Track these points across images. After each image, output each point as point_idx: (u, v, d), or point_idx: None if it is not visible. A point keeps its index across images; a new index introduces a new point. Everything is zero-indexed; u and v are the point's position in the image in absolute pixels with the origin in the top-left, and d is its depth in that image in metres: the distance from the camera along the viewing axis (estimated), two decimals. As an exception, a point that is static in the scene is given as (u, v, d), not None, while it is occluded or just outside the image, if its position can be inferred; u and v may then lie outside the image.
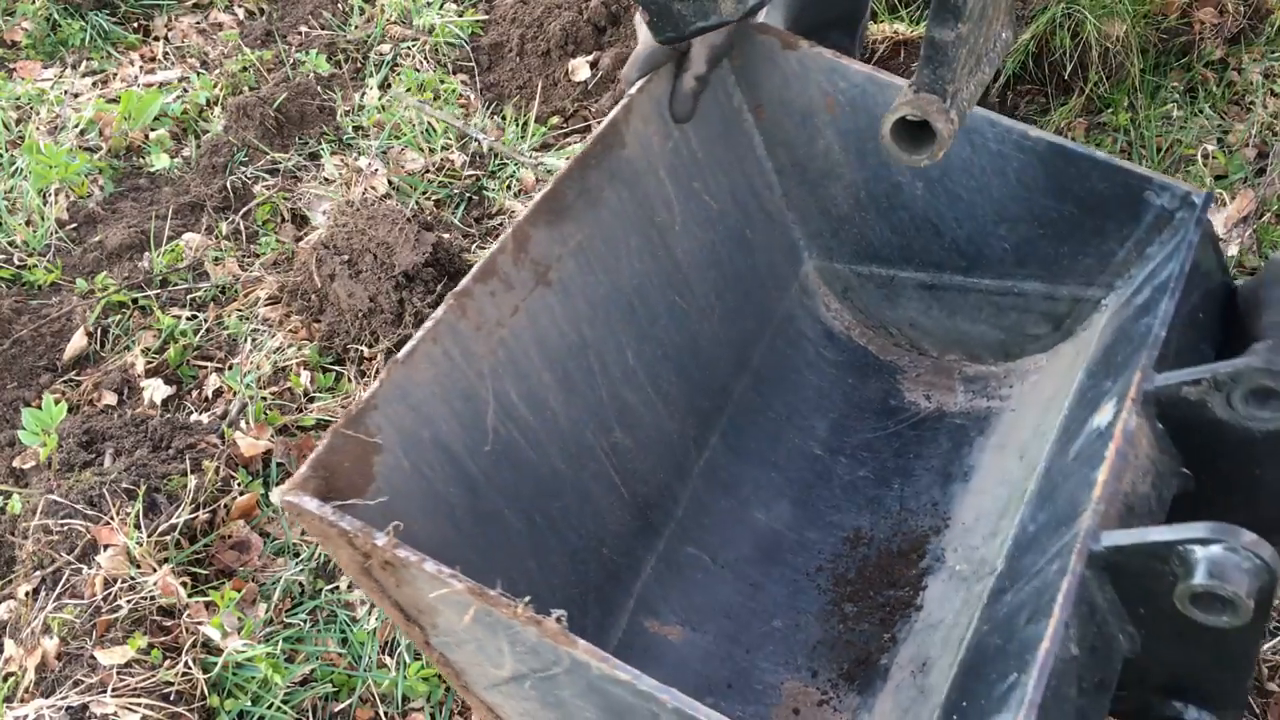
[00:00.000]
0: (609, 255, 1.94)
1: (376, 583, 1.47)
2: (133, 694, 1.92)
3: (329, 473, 1.47)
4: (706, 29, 1.49)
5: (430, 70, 3.49)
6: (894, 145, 1.46)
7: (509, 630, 1.38)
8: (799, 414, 2.21)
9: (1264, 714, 2.07)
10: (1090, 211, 1.97)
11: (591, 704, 1.45)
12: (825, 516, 2.08)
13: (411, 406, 1.60)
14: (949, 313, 2.23)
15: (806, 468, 2.15)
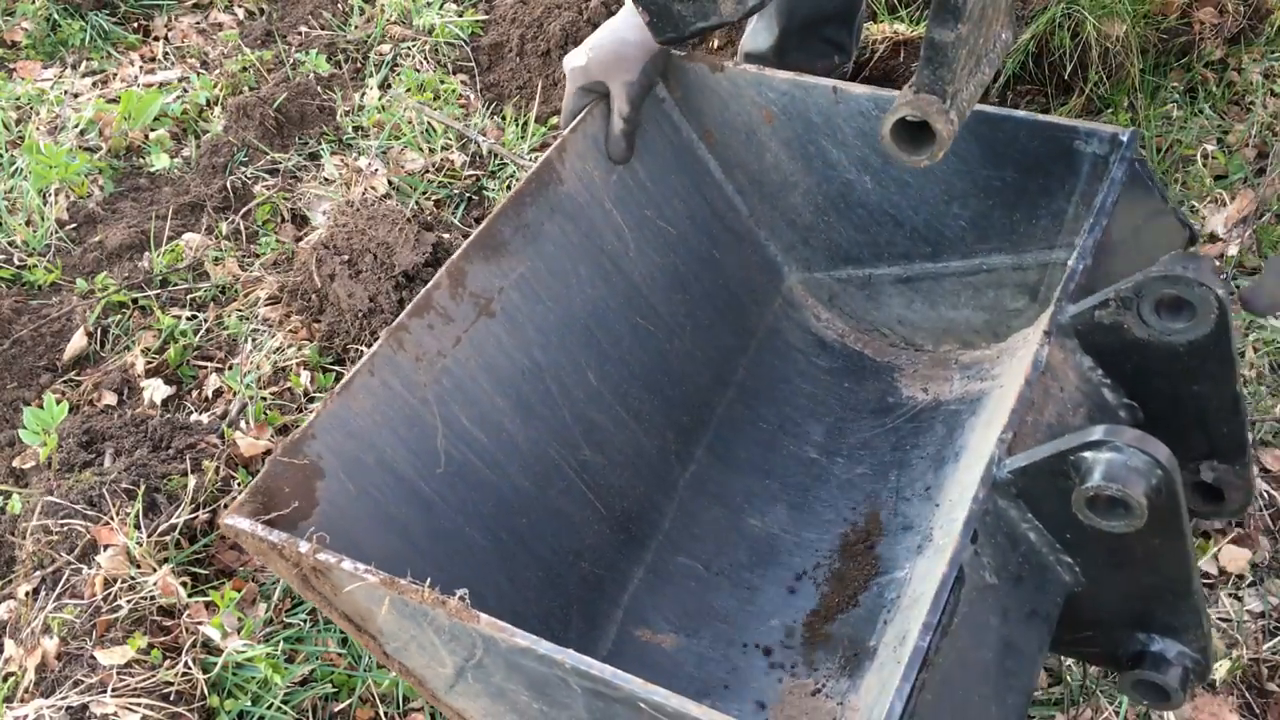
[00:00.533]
0: (556, 284, 2.00)
1: (320, 594, 1.54)
2: (133, 694, 1.92)
3: (268, 497, 1.55)
4: (706, 29, 1.49)
5: (430, 70, 3.49)
6: (894, 146, 1.47)
7: (430, 620, 1.43)
8: (792, 422, 2.24)
9: (1264, 714, 2.07)
10: (1030, 173, 1.98)
11: (518, 683, 1.48)
12: (822, 516, 2.10)
13: (352, 434, 1.67)
14: (931, 303, 2.24)
15: (802, 472, 2.17)
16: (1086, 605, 1.55)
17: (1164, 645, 1.58)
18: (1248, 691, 2.10)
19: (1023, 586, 1.49)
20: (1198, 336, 1.50)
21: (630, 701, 1.33)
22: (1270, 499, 2.40)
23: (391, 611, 1.48)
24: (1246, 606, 2.21)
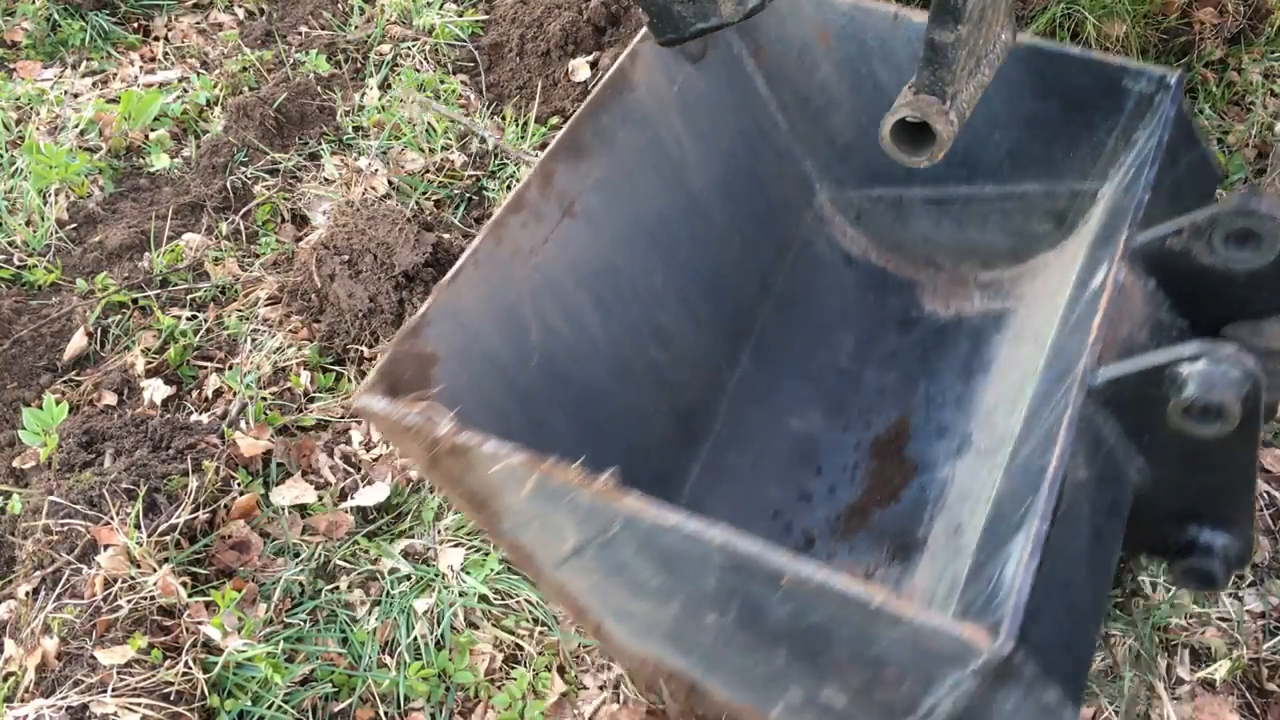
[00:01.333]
0: (628, 189, 2.09)
1: (445, 473, 1.60)
2: (133, 694, 1.92)
3: (393, 381, 1.60)
4: (706, 30, 1.49)
5: (430, 70, 3.49)
6: (894, 146, 1.47)
7: (567, 497, 1.50)
8: (825, 332, 2.37)
9: (1264, 714, 2.07)
10: (1075, 107, 2.10)
11: (648, 560, 1.57)
12: (856, 419, 2.25)
13: (461, 324, 1.75)
14: (958, 224, 2.35)
15: (836, 378, 2.32)
16: (1149, 502, 1.68)
17: (1212, 536, 1.73)
18: (1248, 691, 2.10)
19: (1105, 484, 1.63)
20: (1258, 266, 1.67)
21: (773, 576, 1.43)
22: (1270, 499, 2.40)
23: (528, 490, 1.53)
24: (1246, 606, 2.21)
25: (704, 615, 1.63)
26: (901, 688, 1.55)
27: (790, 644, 1.59)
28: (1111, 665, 2.11)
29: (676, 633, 1.76)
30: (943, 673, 1.47)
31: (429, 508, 2.38)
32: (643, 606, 1.72)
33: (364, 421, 2.55)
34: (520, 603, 2.22)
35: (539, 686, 2.10)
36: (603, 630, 1.87)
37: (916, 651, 1.46)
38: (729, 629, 1.63)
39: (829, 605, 1.44)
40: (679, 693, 1.94)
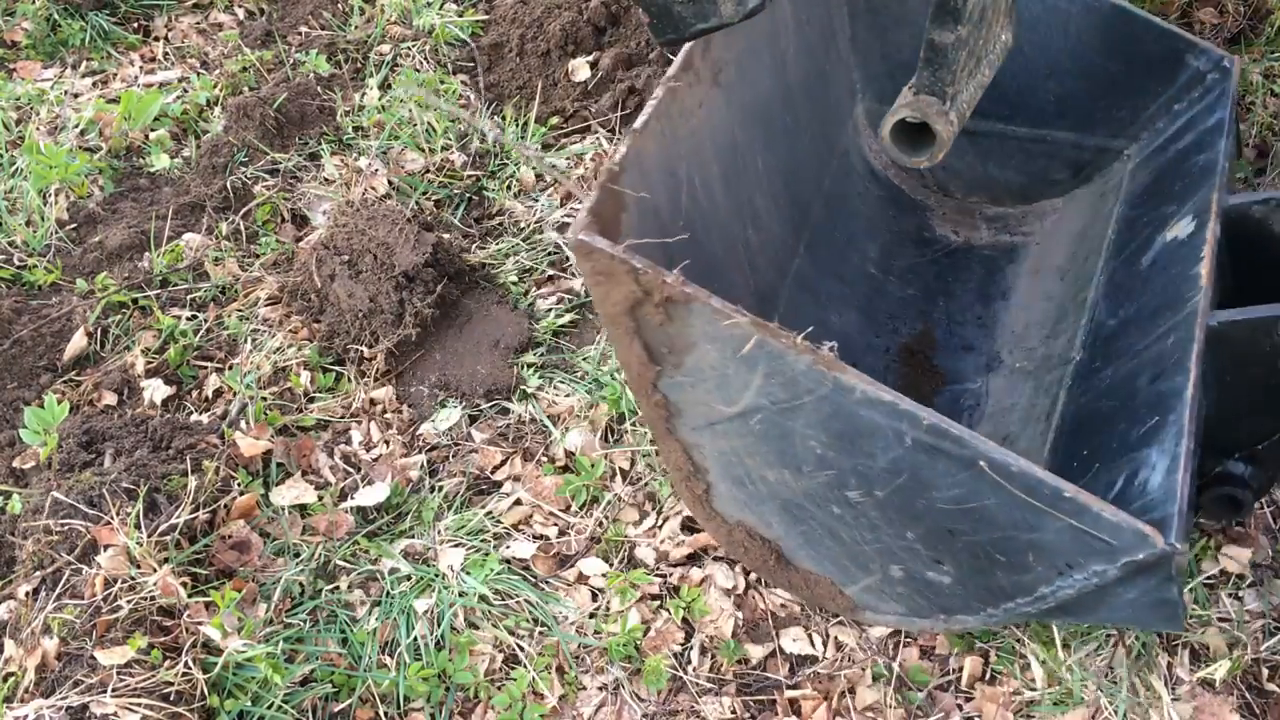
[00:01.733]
0: (755, 68, 2.18)
1: (635, 323, 1.65)
2: (133, 694, 1.92)
3: (602, 222, 1.65)
4: (707, 31, 1.49)
5: (430, 70, 3.49)
6: (894, 147, 1.47)
7: (772, 361, 1.56)
8: (856, 237, 2.51)
9: (1264, 714, 2.07)
10: (1134, 69, 2.26)
11: (824, 431, 1.65)
12: (886, 326, 2.40)
13: (642, 173, 1.80)
14: (981, 158, 2.50)
15: (865, 284, 2.45)
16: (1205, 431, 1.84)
17: (1245, 469, 1.93)
18: (1248, 692, 2.10)
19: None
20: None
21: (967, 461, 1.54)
22: (1270, 499, 2.40)
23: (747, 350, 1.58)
24: (1246, 606, 2.21)
25: (847, 489, 1.74)
26: (1029, 573, 1.68)
27: (931, 524, 1.71)
28: (1111, 665, 2.11)
29: (798, 503, 1.85)
30: (1090, 563, 1.59)
31: (429, 508, 2.38)
32: (778, 475, 1.81)
33: (363, 421, 2.55)
34: (520, 603, 2.22)
35: (539, 687, 2.10)
36: (709, 493, 1.97)
37: (1075, 540, 1.56)
38: (867, 505, 1.75)
39: (1010, 492, 1.53)
40: (762, 561, 2.07)
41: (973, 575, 1.77)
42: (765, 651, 2.20)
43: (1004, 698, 2.10)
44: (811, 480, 1.77)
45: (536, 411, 2.58)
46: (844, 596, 2.05)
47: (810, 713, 2.10)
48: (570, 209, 3.08)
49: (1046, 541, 1.60)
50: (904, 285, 2.47)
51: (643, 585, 2.26)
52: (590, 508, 2.41)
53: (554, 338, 2.75)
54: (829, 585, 2.03)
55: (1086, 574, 1.62)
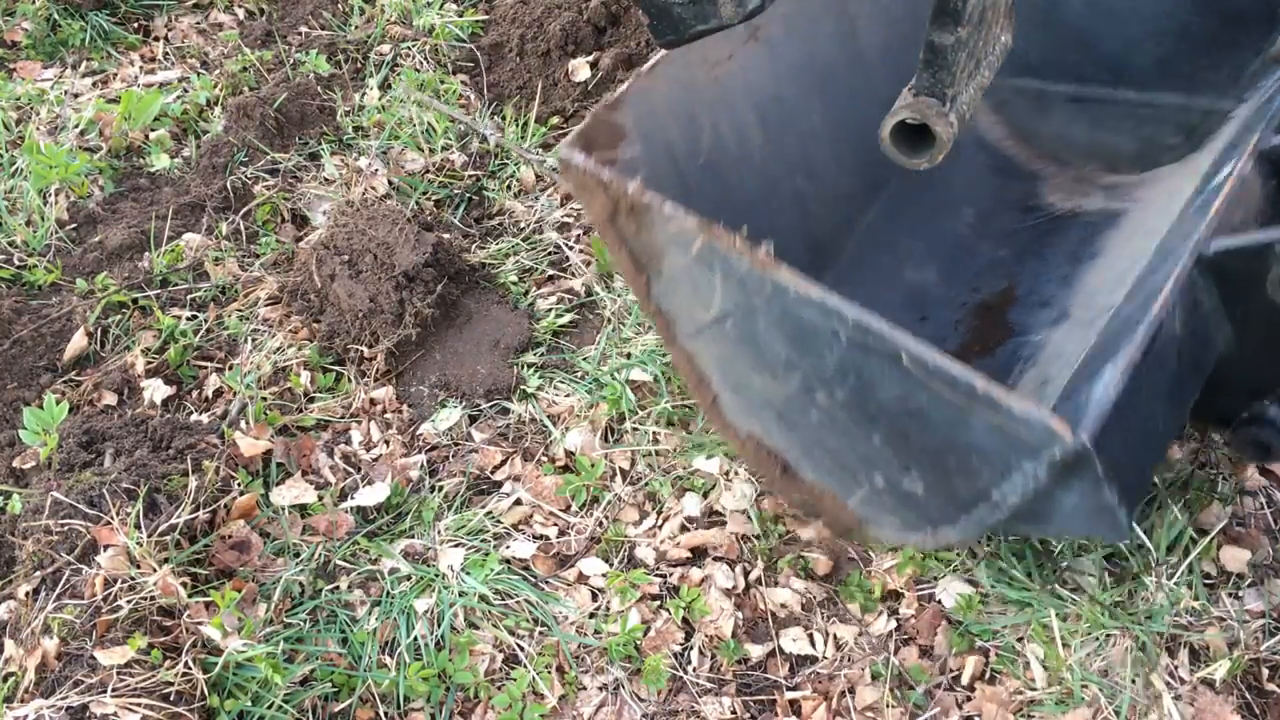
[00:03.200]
0: (808, 29, 2.28)
1: (617, 232, 1.82)
2: (133, 694, 1.92)
3: (589, 142, 1.80)
4: (707, 32, 1.49)
5: (430, 70, 3.49)
6: (893, 148, 1.47)
7: (726, 263, 1.70)
8: (950, 202, 2.59)
9: (1264, 714, 2.07)
10: (1231, 25, 2.26)
11: (780, 332, 1.77)
12: (967, 282, 2.46)
13: (650, 110, 1.98)
14: (1091, 125, 2.53)
15: (954, 243, 2.54)
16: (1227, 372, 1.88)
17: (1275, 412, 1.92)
18: (1248, 692, 2.10)
19: (1194, 342, 1.85)
20: None
21: (892, 355, 1.63)
22: (1270, 499, 2.40)
23: (690, 254, 1.74)
24: (1246, 606, 2.21)
25: (815, 393, 1.84)
26: (979, 478, 1.76)
27: (887, 427, 1.79)
28: (1111, 665, 2.11)
29: (785, 410, 1.97)
30: (1021, 463, 1.66)
31: (429, 508, 2.38)
32: (761, 381, 1.93)
33: (364, 421, 2.55)
34: (520, 603, 2.22)
35: (539, 687, 2.10)
36: (718, 403, 2.09)
37: (1003, 439, 1.63)
38: (834, 409, 1.85)
39: (936, 388, 1.62)
40: (771, 473, 2.16)
41: (937, 482, 1.85)
42: (765, 651, 2.20)
43: (1004, 697, 2.10)
44: (787, 385, 1.88)
45: (536, 411, 2.58)
46: (847, 511, 2.11)
47: (810, 713, 2.11)
48: (570, 209, 3.08)
49: (980, 442, 1.69)
50: (996, 247, 2.54)
51: (643, 585, 2.26)
52: (590, 508, 2.41)
53: (554, 338, 2.75)
54: (833, 498, 2.11)
55: (1023, 475, 1.69)
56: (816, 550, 2.35)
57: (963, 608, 2.22)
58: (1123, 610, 2.16)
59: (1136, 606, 2.16)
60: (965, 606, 2.22)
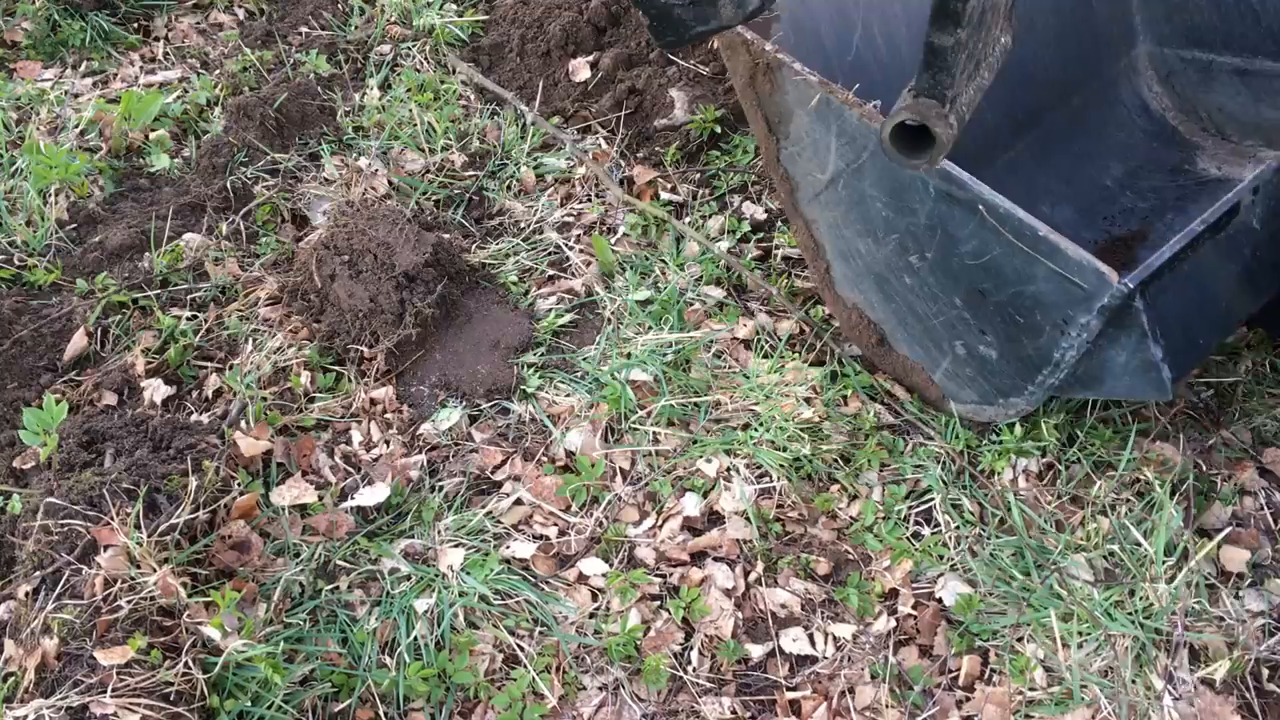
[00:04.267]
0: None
1: (755, 93, 2.13)
2: (133, 694, 1.92)
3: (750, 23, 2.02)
4: (707, 33, 1.49)
5: (430, 70, 3.49)
6: (893, 149, 1.47)
7: (838, 119, 1.96)
8: (1100, 154, 2.75)
9: (1264, 714, 2.08)
10: None
11: (883, 190, 2.06)
12: (1101, 224, 2.62)
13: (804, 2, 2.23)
14: (1254, 99, 2.61)
15: (1094, 190, 2.69)
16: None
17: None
18: (1248, 691, 2.10)
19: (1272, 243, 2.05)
20: None
21: (972, 205, 1.89)
22: (1270, 499, 2.40)
23: (810, 112, 2.01)
24: (1246, 606, 2.21)
25: (909, 254, 2.14)
26: (1042, 335, 2.02)
27: (967, 286, 2.09)
28: (1111, 665, 2.11)
29: (884, 276, 2.27)
30: (1076, 314, 1.91)
31: (429, 508, 2.38)
32: (865, 245, 2.23)
33: (364, 421, 2.55)
34: (520, 603, 2.22)
35: (539, 687, 2.10)
36: (830, 273, 2.43)
37: (1062, 289, 1.87)
38: (924, 271, 2.15)
39: (1007, 237, 1.87)
40: (868, 344, 2.51)
41: (1008, 344, 2.13)
42: (765, 651, 2.20)
43: (1004, 697, 2.10)
44: (885, 248, 2.17)
45: (537, 411, 2.59)
46: (933, 385, 2.43)
47: (810, 713, 2.11)
48: (571, 209, 3.09)
49: (1043, 294, 1.93)
50: (1138, 199, 2.67)
51: (643, 585, 2.26)
52: (590, 508, 2.41)
53: (554, 338, 2.75)
54: (921, 372, 2.43)
55: (1078, 329, 1.95)
56: (816, 551, 2.35)
57: (963, 607, 2.23)
58: (1122, 610, 2.16)
59: (1136, 607, 2.17)
60: (965, 606, 2.22)
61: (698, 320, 2.76)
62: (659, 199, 3.07)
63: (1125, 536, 2.27)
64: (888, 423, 2.56)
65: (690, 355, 2.65)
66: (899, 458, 2.49)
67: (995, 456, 2.45)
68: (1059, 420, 2.47)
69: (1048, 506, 2.37)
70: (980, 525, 2.37)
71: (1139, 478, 2.39)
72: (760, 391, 2.54)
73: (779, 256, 2.92)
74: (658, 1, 1.47)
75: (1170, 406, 2.54)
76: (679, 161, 3.18)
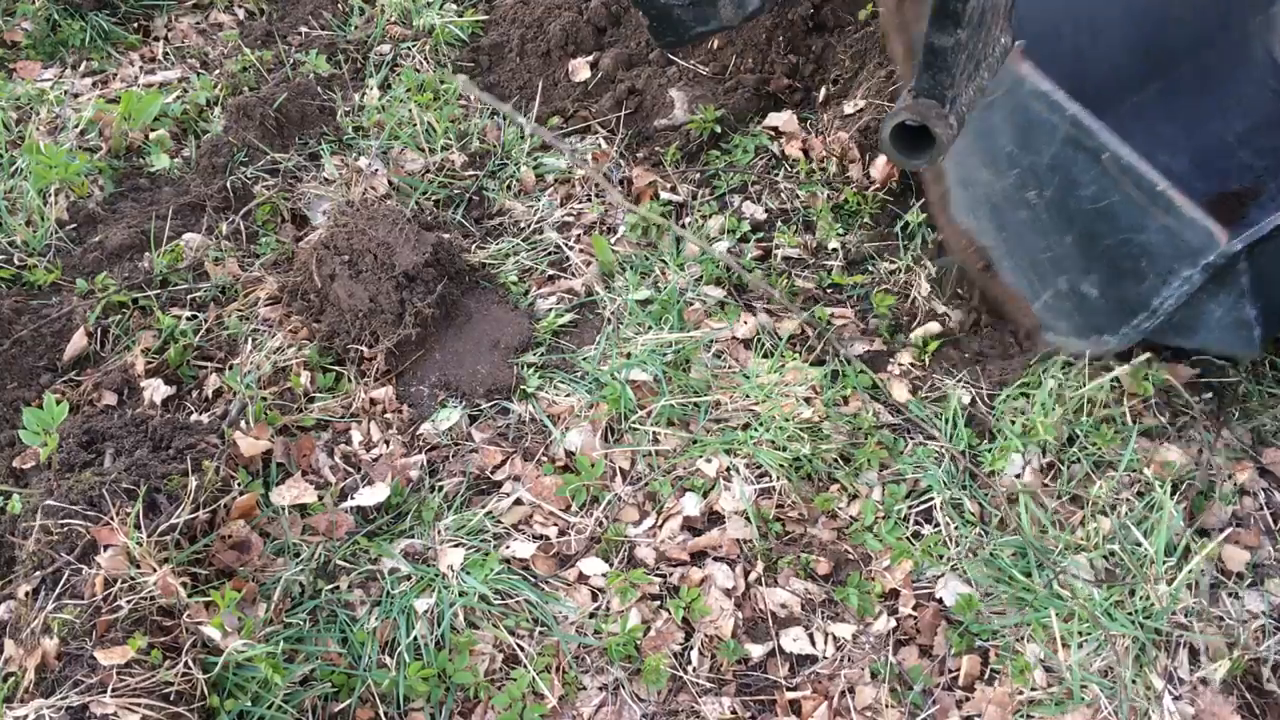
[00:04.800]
0: None
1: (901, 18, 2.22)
2: (133, 694, 1.92)
3: None
4: (707, 34, 1.50)
5: (430, 70, 3.49)
6: (893, 149, 1.47)
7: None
8: (1224, 109, 2.80)
9: (1264, 714, 2.08)
10: None
11: (1011, 126, 2.16)
12: (1215, 177, 2.67)
13: None
14: None
15: (1214, 143, 2.73)
16: None
17: None
18: (1248, 692, 2.11)
19: None
20: None
21: (1097, 153, 2.02)
22: (1270, 499, 2.41)
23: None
24: (1246, 606, 2.21)
25: (1028, 189, 2.24)
26: (1144, 282, 2.12)
27: (1080, 228, 2.19)
28: (1111, 665, 2.11)
29: (1000, 206, 2.36)
30: (1181, 267, 2.01)
31: (429, 508, 2.38)
32: (986, 175, 2.31)
33: (364, 421, 2.55)
34: (520, 603, 2.22)
35: (539, 687, 2.10)
36: (947, 197, 2.51)
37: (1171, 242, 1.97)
38: (1040, 208, 2.24)
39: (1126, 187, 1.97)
40: (975, 269, 2.58)
41: (1110, 285, 2.22)
42: (765, 651, 2.20)
43: (1004, 698, 2.10)
44: (1005, 180, 2.26)
45: (536, 411, 2.59)
46: (1030, 315, 2.52)
47: (810, 712, 2.11)
48: (571, 209, 3.09)
49: (1153, 244, 2.03)
50: (1257, 158, 2.72)
51: (643, 585, 2.26)
52: (590, 508, 2.41)
53: (554, 338, 2.75)
54: (1021, 301, 2.51)
55: (1181, 281, 2.04)
56: (816, 550, 2.35)
57: (963, 607, 2.23)
58: (1122, 610, 2.16)
59: (1136, 607, 2.17)
60: (965, 606, 2.22)
61: (698, 320, 2.76)
62: (659, 199, 3.07)
63: (1125, 536, 2.27)
64: (888, 422, 2.56)
65: (690, 355, 2.65)
66: (899, 458, 2.49)
67: (996, 456, 2.45)
68: (1058, 420, 2.47)
69: (1048, 506, 2.37)
70: (981, 525, 2.37)
71: (1139, 478, 2.39)
72: (760, 391, 2.54)
73: (779, 256, 2.92)
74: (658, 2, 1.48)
75: (1170, 406, 2.54)
76: (679, 161, 3.18)
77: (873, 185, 2.99)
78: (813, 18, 3.34)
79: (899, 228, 2.91)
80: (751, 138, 3.19)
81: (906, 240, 2.90)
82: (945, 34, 1.32)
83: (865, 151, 3.04)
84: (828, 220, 2.96)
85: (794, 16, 3.32)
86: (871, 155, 3.03)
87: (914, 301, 2.80)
